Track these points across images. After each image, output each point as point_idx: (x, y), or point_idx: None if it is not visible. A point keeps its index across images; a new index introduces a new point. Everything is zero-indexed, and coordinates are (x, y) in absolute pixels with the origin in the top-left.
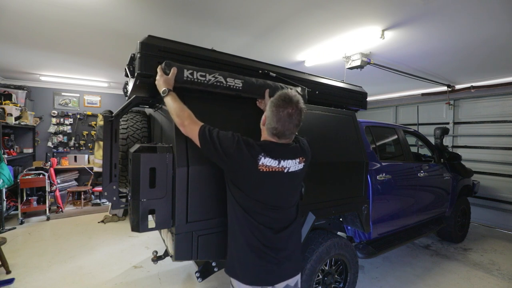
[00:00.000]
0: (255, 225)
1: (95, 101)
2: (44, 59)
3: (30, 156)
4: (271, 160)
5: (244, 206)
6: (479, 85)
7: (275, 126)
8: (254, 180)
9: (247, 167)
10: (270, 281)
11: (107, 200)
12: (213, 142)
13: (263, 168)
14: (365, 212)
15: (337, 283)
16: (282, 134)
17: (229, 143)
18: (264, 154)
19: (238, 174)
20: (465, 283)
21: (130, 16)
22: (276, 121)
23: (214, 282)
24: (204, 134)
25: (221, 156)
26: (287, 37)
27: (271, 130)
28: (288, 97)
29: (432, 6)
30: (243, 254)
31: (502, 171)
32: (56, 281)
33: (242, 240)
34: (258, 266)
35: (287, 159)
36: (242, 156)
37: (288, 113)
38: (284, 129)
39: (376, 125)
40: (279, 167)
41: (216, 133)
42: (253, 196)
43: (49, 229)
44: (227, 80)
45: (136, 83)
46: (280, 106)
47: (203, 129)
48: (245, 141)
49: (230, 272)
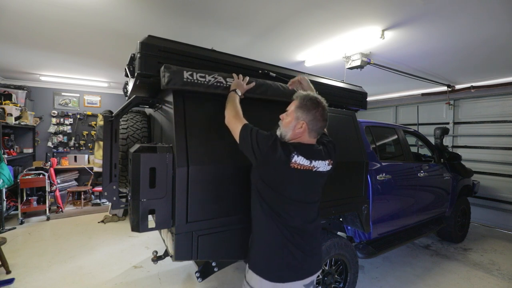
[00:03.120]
0: (281, 223)
1: (95, 101)
2: (44, 59)
3: (30, 156)
4: (303, 159)
5: (271, 203)
6: (479, 85)
7: (309, 125)
8: (285, 176)
9: (279, 163)
10: (295, 277)
11: (107, 200)
12: (251, 139)
13: (295, 165)
14: (365, 212)
15: (337, 283)
16: (315, 132)
17: (265, 141)
18: (296, 153)
19: (269, 170)
20: (465, 283)
21: (130, 16)
22: (310, 119)
23: (214, 282)
24: (245, 131)
25: (255, 150)
26: (287, 37)
27: (310, 127)
28: (315, 99)
29: (432, 6)
30: (269, 252)
31: (502, 171)
32: (56, 281)
33: (268, 238)
34: (283, 263)
35: (318, 160)
36: (276, 153)
37: (321, 113)
38: (317, 127)
39: (376, 125)
40: (310, 166)
41: (255, 132)
42: (281, 191)
43: (49, 229)
44: (227, 81)
45: (136, 83)
46: (312, 108)
47: (245, 126)
48: (281, 141)
49: (253, 268)
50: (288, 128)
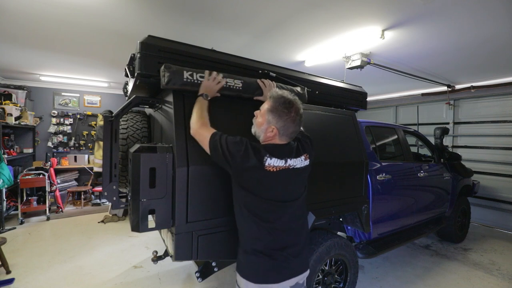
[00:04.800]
0: (263, 226)
1: (95, 101)
2: (44, 59)
3: (30, 156)
4: (277, 160)
5: (252, 207)
6: (479, 85)
7: (279, 131)
8: (262, 180)
9: (254, 169)
10: (279, 279)
11: (107, 200)
12: (221, 148)
13: (270, 168)
14: (365, 212)
15: (337, 283)
16: (287, 135)
17: (236, 148)
18: (269, 156)
19: (245, 177)
20: (465, 283)
21: (130, 16)
22: (283, 124)
23: (214, 282)
24: (214, 141)
25: (228, 161)
26: (287, 37)
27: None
28: (288, 101)
29: (432, 6)
30: (252, 255)
31: (502, 171)
32: (56, 281)
33: (250, 241)
34: (267, 266)
35: (292, 158)
36: (249, 160)
37: (292, 117)
38: (288, 131)
39: (376, 125)
40: (285, 165)
41: (224, 139)
42: (261, 194)
43: (49, 229)
44: (227, 81)
45: (136, 83)
46: (283, 111)
47: (213, 136)
48: (252, 146)
49: (239, 271)
50: (260, 130)
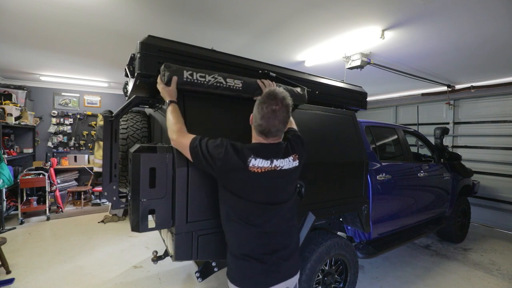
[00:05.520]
0: (250, 229)
1: (95, 101)
2: (44, 59)
3: (30, 156)
4: (262, 161)
5: (238, 210)
6: (479, 85)
7: (259, 123)
8: (247, 182)
9: (237, 171)
10: (268, 283)
11: (107, 200)
12: (202, 153)
13: (255, 169)
14: (365, 212)
15: (337, 283)
16: (268, 131)
17: (217, 151)
18: (254, 156)
19: (229, 179)
20: (465, 283)
21: (130, 16)
22: (260, 117)
23: (214, 282)
24: (193, 148)
25: (210, 164)
26: (287, 37)
27: (257, 128)
28: (273, 94)
29: (432, 6)
30: (240, 259)
31: (502, 171)
32: (56, 281)
33: (236, 246)
34: (256, 270)
35: (280, 158)
36: (230, 161)
37: (272, 109)
38: (269, 125)
39: (376, 125)
40: (272, 166)
41: (204, 143)
42: (247, 197)
43: (49, 229)
44: (227, 81)
45: (136, 83)
46: (264, 103)
47: (192, 142)
48: (233, 146)
49: (228, 275)
50: (252, 127)
